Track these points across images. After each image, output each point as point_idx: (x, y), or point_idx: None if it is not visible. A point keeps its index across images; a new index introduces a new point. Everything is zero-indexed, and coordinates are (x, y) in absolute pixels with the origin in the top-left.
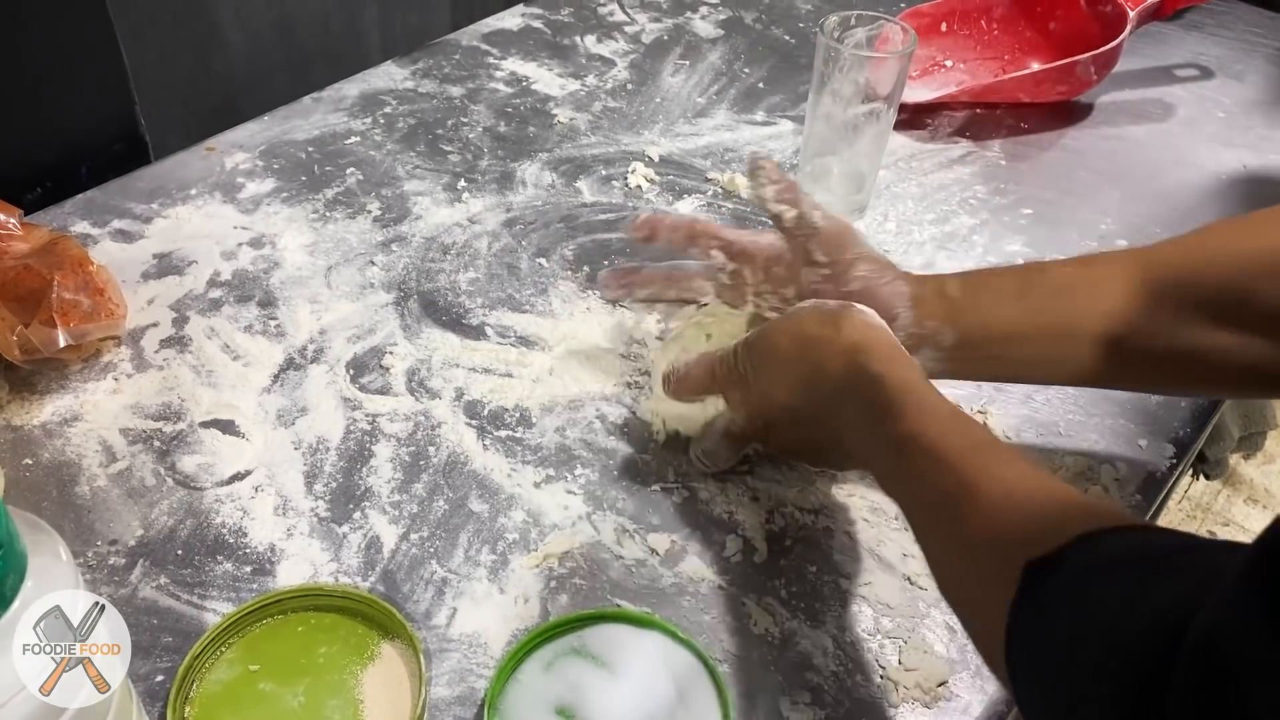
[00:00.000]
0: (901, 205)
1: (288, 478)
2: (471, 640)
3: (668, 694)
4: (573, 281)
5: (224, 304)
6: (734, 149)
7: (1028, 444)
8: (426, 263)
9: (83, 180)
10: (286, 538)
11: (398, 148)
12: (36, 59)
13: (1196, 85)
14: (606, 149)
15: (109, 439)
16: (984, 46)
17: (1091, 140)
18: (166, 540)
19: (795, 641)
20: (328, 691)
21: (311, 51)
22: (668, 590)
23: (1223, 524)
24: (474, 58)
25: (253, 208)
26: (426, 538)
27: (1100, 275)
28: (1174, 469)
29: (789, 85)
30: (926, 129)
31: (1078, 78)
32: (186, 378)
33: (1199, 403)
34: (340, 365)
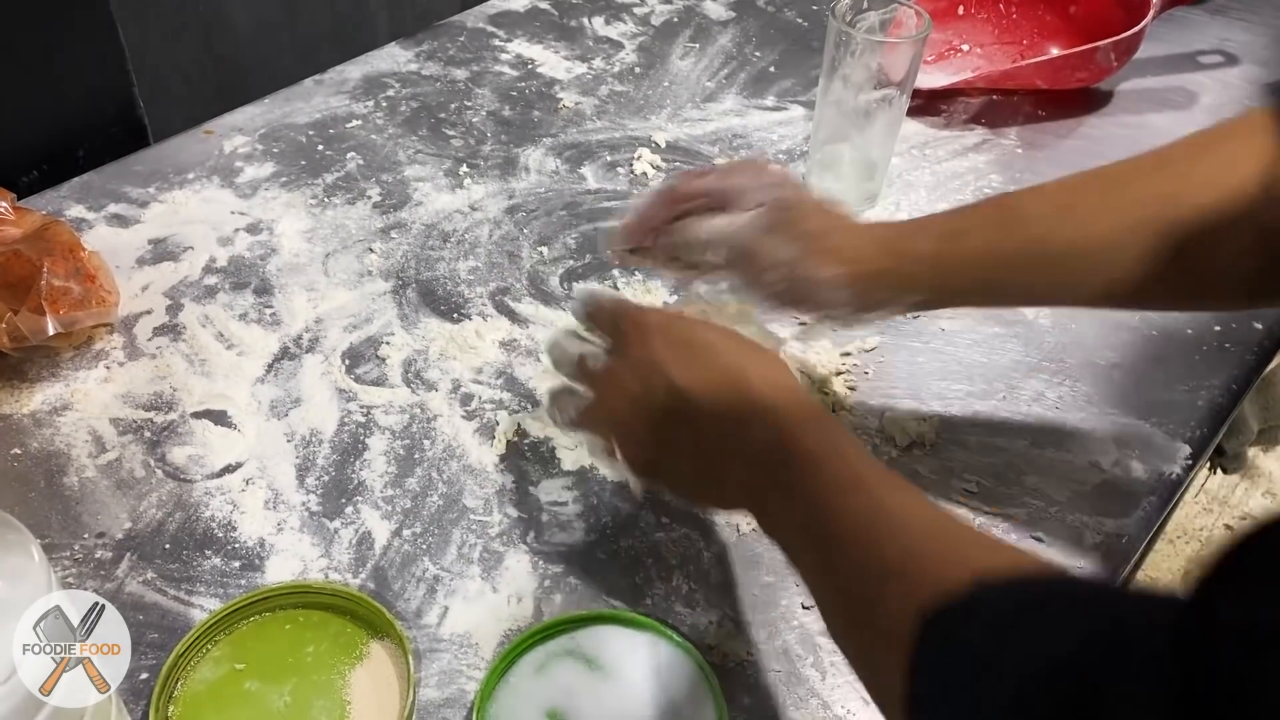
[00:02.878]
0: (914, 194)
1: (279, 470)
2: (462, 640)
3: (662, 697)
4: (576, 270)
5: (219, 291)
6: (743, 135)
7: (1038, 443)
8: (426, 250)
9: (79, 163)
10: (276, 532)
11: (399, 132)
12: (32, 39)
13: (1221, 72)
14: (612, 134)
15: (99, 429)
16: (1002, 31)
17: (1111, 128)
18: (155, 534)
19: (795, 647)
20: (314, 691)
21: (318, 33)
22: (663, 591)
23: (1240, 517)
24: (479, 39)
25: (251, 192)
26: (419, 534)
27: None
28: (1190, 468)
29: (801, 69)
30: (941, 115)
31: (1098, 64)
32: (179, 367)
33: (1216, 401)
34: (336, 355)
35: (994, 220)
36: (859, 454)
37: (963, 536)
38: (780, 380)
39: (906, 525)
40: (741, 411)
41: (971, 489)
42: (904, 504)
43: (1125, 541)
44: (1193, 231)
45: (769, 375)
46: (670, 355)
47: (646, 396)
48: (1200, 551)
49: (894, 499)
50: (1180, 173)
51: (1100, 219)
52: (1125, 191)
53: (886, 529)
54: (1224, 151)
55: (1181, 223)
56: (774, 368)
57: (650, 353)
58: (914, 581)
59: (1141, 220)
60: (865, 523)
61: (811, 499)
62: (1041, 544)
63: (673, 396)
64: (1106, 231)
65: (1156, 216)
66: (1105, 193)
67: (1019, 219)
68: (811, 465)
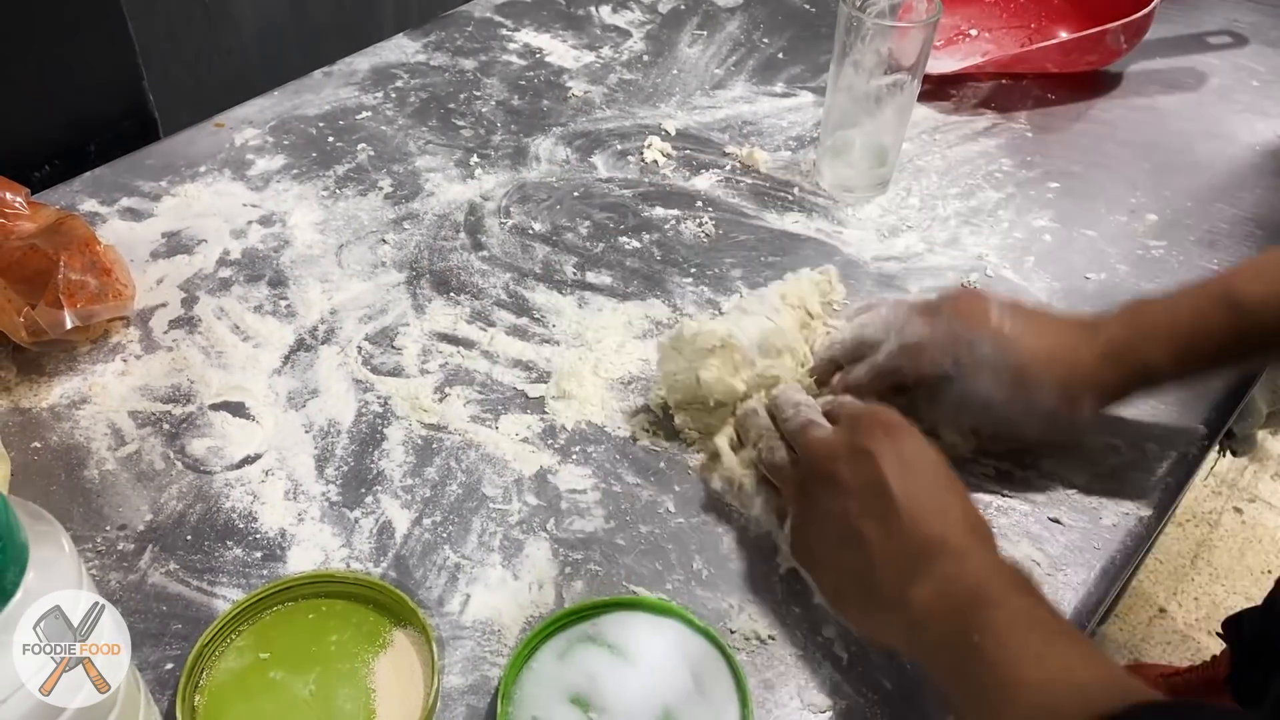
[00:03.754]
0: (925, 179)
1: (298, 461)
2: (485, 627)
3: (685, 683)
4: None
5: (234, 283)
6: (753, 122)
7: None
8: (439, 241)
9: (91, 158)
10: (297, 523)
11: (409, 123)
12: (42, 33)
13: (1230, 53)
14: (622, 123)
15: (117, 422)
16: (1010, 15)
17: (1121, 111)
18: (176, 525)
19: (817, 629)
20: (339, 680)
21: (323, 25)
22: (683, 576)
23: (1249, 500)
24: (487, 29)
25: (262, 185)
26: (439, 522)
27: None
28: (1205, 449)
29: (809, 56)
30: (950, 100)
31: (1107, 47)
32: (196, 359)
33: (1231, 382)
34: (352, 346)
35: (1223, 324)
36: (1027, 600)
37: (1098, 678)
38: (979, 519)
39: (1045, 677)
40: (934, 536)
41: (989, 473)
42: (1046, 655)
43: (1143, 523)
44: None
45: (974, 515)
46: (890, 455)
47: (850, 478)
48: (1209, 535)
49: (1037, 647)
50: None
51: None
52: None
53: (1028, 677)
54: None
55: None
56: (981, 518)
57: (874, 445)
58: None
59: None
60: (1007, 673)
61: (965, 641)
62: (1060, 526)
63: (875, 491)
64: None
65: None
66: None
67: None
68: (982, 605)
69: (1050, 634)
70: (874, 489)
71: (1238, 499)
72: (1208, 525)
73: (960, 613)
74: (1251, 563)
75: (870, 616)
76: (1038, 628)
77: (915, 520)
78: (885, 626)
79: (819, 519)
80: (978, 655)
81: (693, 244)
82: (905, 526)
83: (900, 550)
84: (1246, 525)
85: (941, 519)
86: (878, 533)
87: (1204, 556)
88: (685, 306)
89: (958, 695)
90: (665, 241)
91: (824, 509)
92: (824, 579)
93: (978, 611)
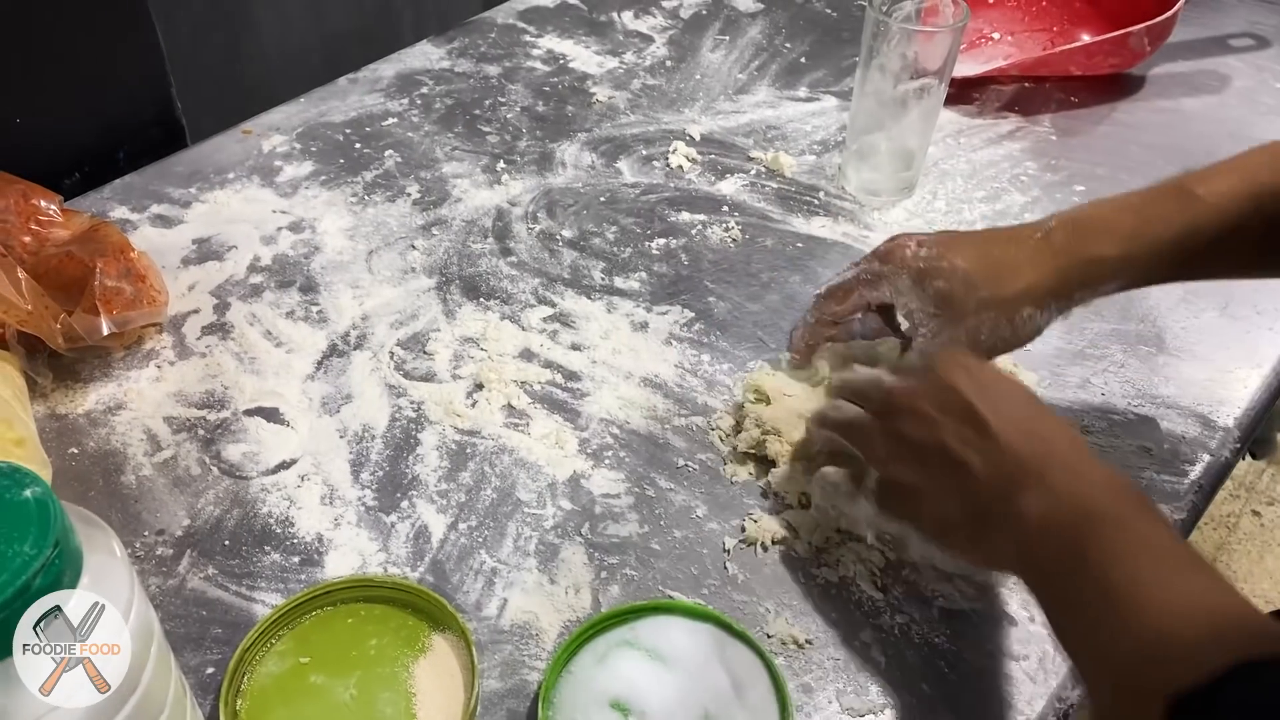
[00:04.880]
0: (950, 183)
1: (334, 466)
2: (523, 631)
3: (724, 687)
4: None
5: (265, 290)
6: (777, 126)
7: (1088, 429)
8: (468, 246)
9: (120, 165)
10: (334, 527)
11: (435, 129)
12: (71, 41)
13: (1253, 55)
14: (646, 128)
15: (153, 427)
16: (1032, 18)
17: (1144, 114)
18: (213, 530)
19: (855, 633)
20: (379, 684)
21: (344, 32)
22: (718, 580)
23: (1268, 503)
24: (510, 36)
25: (291, 191)
26: (475, 527)
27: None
28: (1237, 453)
29: (832, 60)
30: (974, 103)
31: (1130, 49)
32: (229, 365)
33: (1262, 385)
34: (384, 351)
35: (1174, 211)
36: (1148, 522)
37: (1230, 613)
38: (1078, 436)
39: (1169, 604)
40: (1037, 450)
41: None
42: (1170, 582)
43: (1179, 525)
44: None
45: (1070, 432)
46: (973, 384)
47: (937, 411)
48: (1228, 538)
49: (1162, 572)
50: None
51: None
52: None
53: (1150, 601)
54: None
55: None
56: (1079, 436)
57: (954, 380)
58: (1168, 666)
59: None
60: (1127, 596)
61: (1082, 558)
62: None
63: (965, 417)
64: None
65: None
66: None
67: (1194, 200)
68: (1100, 522)
69: (1178, 561)
70: (964, 414)
71: (1256, 502)
72: (1226, 528)
73: (1076, 527)
74: (1271, 566)
75: (979, 542)
76: (1166, 556)
77: (1013, 439)
78: (995, 549)
79: (910, 454)
80: (1094, 575)
81: (719, 248)
82: (1003, 445)
83: (1004, 466)
84: (1265, 528)
85: (1040, 436)
86: (976, 453)
87: (1223, 560)
88: (714, 312)
89: (1068, 620)
90: (692, 246)
91: (915, 443)
92: (925, 513)
93: (1095, 528)
